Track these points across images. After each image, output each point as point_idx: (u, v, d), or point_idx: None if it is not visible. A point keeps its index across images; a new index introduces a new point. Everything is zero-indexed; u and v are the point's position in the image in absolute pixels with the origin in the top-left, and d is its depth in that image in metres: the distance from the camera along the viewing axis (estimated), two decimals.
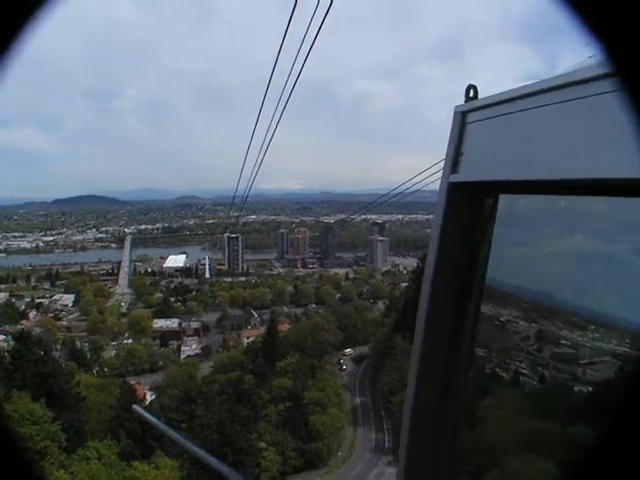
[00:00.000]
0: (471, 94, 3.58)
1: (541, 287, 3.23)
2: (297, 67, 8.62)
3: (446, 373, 3.72)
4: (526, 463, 3.21)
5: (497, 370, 3.65)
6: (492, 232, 3.53)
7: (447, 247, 3.73)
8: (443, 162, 5.35)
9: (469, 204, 3.64)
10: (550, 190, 2.80)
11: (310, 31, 7.40)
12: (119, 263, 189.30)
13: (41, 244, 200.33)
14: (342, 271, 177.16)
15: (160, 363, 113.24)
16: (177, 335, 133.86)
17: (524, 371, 3.30)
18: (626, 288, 2.65)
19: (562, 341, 3.04)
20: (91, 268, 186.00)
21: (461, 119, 3.60)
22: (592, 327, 2.81)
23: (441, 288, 3.73)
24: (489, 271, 3.54)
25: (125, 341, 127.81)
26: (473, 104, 3.56)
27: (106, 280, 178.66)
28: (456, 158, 3.67)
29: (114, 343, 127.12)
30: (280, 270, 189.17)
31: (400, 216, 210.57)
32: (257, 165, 12.90)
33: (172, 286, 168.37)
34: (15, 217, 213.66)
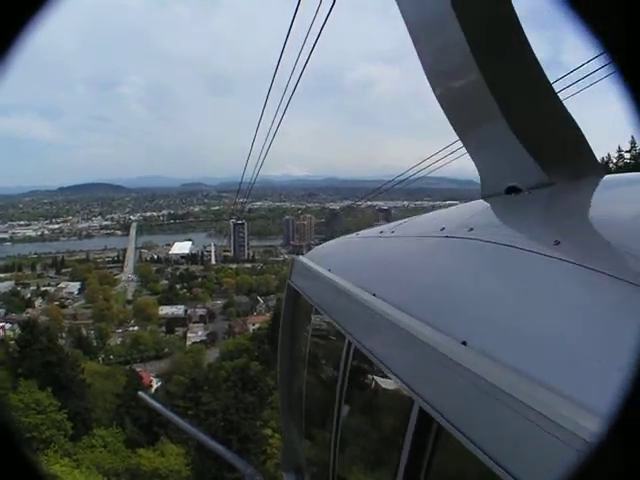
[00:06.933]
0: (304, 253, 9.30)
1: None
2: (304, 54, 8.44)
3: (289, 378, 8.52)
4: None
5: (314, 372, 7.22)
6: (308, 312, 7.22)
7: (287, 318, 8.44)
8: (449, 148, 9.82)
9: (295, 298, 7.93)
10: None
11: (317, 19, 7.21)
12: (124, 250, 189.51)
13: (46, 232, 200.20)
14: None
15: (166, 350, 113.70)
16: (183, 322, 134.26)
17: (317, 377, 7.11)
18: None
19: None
20: (96, 255, 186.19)
21: (293, 262, 8.31)
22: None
23: (284, 335, 8.52)
24: (310, 330, 7.34)
25: (131, 328, 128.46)
26: (300, 258, 8.16)
27: (112, 267, 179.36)
28: (291, 273, 8.14)
29: (120, 330, 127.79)
30: (286, 256, 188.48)
31: (406, 202, 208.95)
32: (263, 152, 12.99)
33: (178, 273, 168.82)
34: (20, 205, 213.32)
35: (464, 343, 2.71)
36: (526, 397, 2.10)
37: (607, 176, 4.18)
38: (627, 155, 59.57)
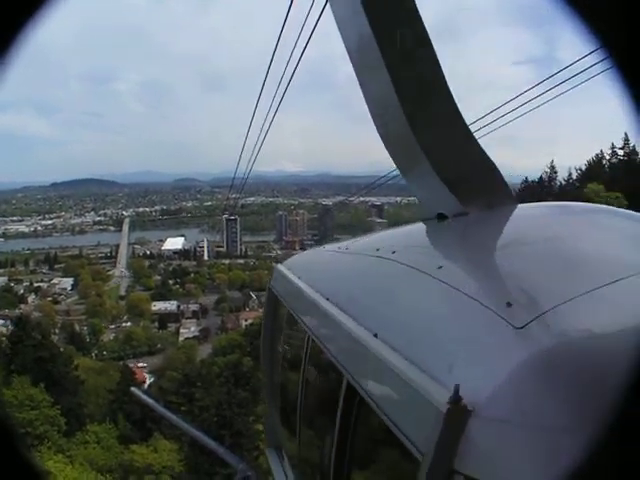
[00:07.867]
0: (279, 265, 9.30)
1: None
2: (298, 50, 8.64)
3: (270, 368, 9.57)
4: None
5: (288, 364, 8.01)
6: (284, 312, 8.18)
7: (269, 318, 9.55)
8: None
9: (275, 301, 8.95)
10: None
11: (310, 16, 7.43)
12: (117, 246, 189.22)
13: (39, 228, 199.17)
14: None
15: (159, 346, 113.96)
16: (175, 317, 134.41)
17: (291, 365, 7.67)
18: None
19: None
20: (89, 251, 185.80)
21: (273, 269, 9.69)
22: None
23: (266, 333, 9.67)
24: (284, 327, 8.23)
25: (124, 324, 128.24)
26: (278, 266, 9.23)
27: (104, 263, 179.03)
28: (272, 279, 9.32)
29: (113, 326, 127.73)
30: (278, 252, 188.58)
31: (398, 198, 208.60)
32: (257, 148, 13.18)
33: (170, 268, 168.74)
34: (13, 201, 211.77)
35: (375, 335, 3.74)
36: (405, 374, 3.04)
37: (519, 205, 5.04)
38: (620, 152, 59.83)
